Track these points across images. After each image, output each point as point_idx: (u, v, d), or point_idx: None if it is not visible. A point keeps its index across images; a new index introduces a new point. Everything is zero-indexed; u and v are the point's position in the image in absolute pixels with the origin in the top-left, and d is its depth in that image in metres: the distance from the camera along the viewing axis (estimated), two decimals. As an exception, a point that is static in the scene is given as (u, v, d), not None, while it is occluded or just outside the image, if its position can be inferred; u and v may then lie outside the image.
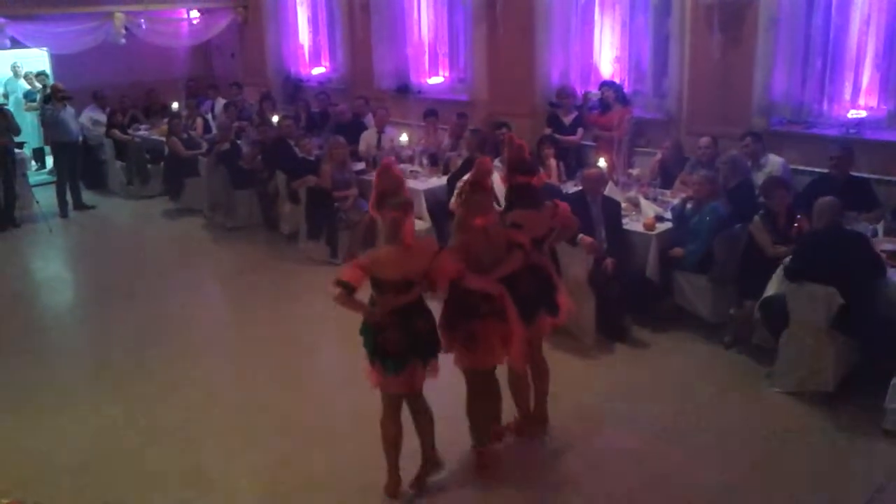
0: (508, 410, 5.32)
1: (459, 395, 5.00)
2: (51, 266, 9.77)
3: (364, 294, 4.53)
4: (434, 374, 4.66)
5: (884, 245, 6.04)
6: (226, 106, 12.37)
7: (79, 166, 11.59)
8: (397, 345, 4.47)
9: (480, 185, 4.71)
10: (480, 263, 4.66)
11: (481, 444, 5.04)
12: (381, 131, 10.15)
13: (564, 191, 7.60)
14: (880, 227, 6.39)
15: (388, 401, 4.69)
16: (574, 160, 8.95)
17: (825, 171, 7.10)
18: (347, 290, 4.38)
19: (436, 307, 4.76)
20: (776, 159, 7.39)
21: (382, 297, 4.48)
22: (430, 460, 4.89)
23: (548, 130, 9.14)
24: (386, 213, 4.48)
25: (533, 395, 5.35)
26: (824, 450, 5.15)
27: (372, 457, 5.17)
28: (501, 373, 5.11)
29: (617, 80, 9.22)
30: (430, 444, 4.87)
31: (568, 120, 9.27)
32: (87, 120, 12.54)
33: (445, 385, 4.88)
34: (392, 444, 4.75)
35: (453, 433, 5.06)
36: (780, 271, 5.83)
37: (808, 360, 5.63)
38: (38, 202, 11.01)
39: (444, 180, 8.46)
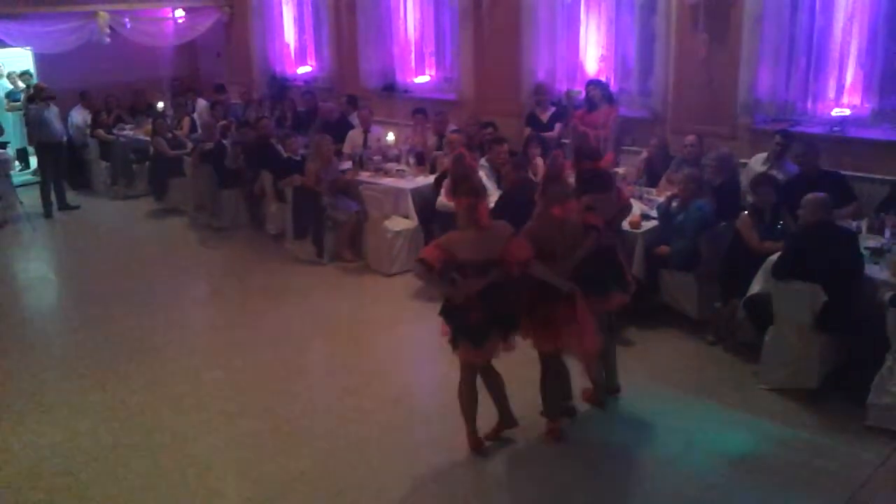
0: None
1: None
2: (34, 267, 9.69)
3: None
4: (511, 348, 4.96)
5: (868, 242, 6.07)
6: (212, 105, 12.32)
7: (63, 166, 11.53)
8: (478, 321, 4.75)
9: (556, 178, 5.01)
10: (553, 251, 4.90)
11: (553, 416, 5.29)
12: (366, 130, 10.13)
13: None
14: (864, 225, 6.42)
15: (469, 371, 5.04)
16: (559, 159, 8.97)
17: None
18: (427, 268, 4.66)
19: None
20: (792, 169, 7.24)
21: (464, 280, 4.72)
22: (506, 416, 5.25)
23: (527, 130, 9.17)
24: (461, 200, 4.78)
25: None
26: (808, 445, 5.17)
27: (360, 454, 5.21)
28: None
29: (603, 79, 9.24)
30: (505, 403, 5.23)
31: (545, 117, 9.29)
32: (81, 120, 12.47)
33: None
34: (470, 406, 5.11)
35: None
36: (764, 268, 5.85)
37: (793, 357, 5.66)
38: (21, 202, 10.95)
39: (431, 179, 8.45)
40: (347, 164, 9.45)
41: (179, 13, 13.99)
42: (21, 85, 13.19)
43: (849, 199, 6.79)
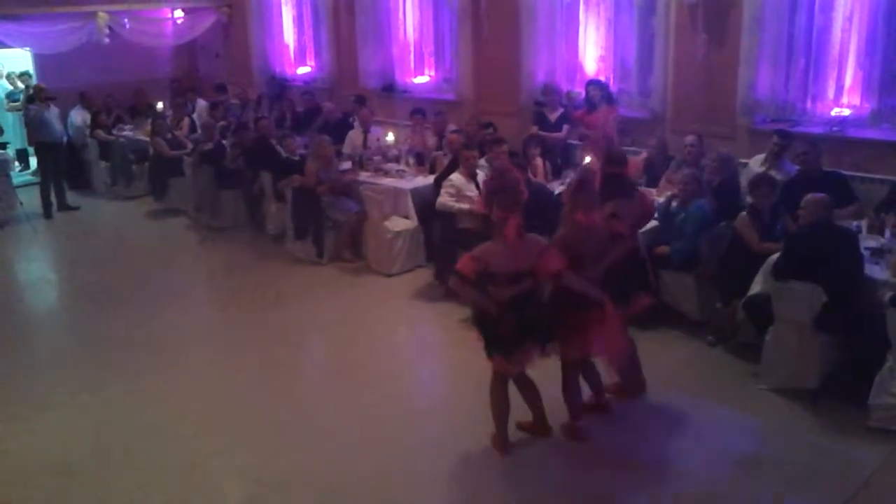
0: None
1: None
2: (35, 267, 9.69)
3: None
4: (548, 356, 5.01)
5: (868, 242, 6.08)
6: (212, 106, 12.33)
7: (63, 167, 11.53)
8: (510, 330, 4.79)
9: (586, 184, 5.07)
10: (582, 256, 4.95)
11: (577, 417, 5.36)
12: (366, 131, 10.12)
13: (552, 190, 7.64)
14: (864, 225, 6.42)
15: (499, 378, 5.05)
16: (560, 159, 8.99)
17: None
18: (462, 280, 4.75)
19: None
20: (791, 169, 7.24)
21: (496, 289, 4.77)
22: (541, 422, 5.31)
23: (534, 129, 9.17)
24: (495, 212, 4.82)
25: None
26: (810, 446, 5.18)
27: (360, 454, 5.21)
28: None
29: (602, 79, 9.24)
30: (540, 410, 5.28)
31: (553, 117, 9.30)
32: (80, 121, 12.48)
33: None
34: (501, 411, 5.13)
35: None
36: (764, 269, 5.85)
37: (793, 357, 5.66)
38: (21, 203, 10.95)
39: (430, 180, 8.45)
40: (347, 165, 9.46)
41: (178, 14, 13.99)
42: (21, 86, 13.19)
43: (850, 200, 6.80)
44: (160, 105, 12.99)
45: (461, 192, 7.41)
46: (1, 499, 4.94)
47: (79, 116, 12.55)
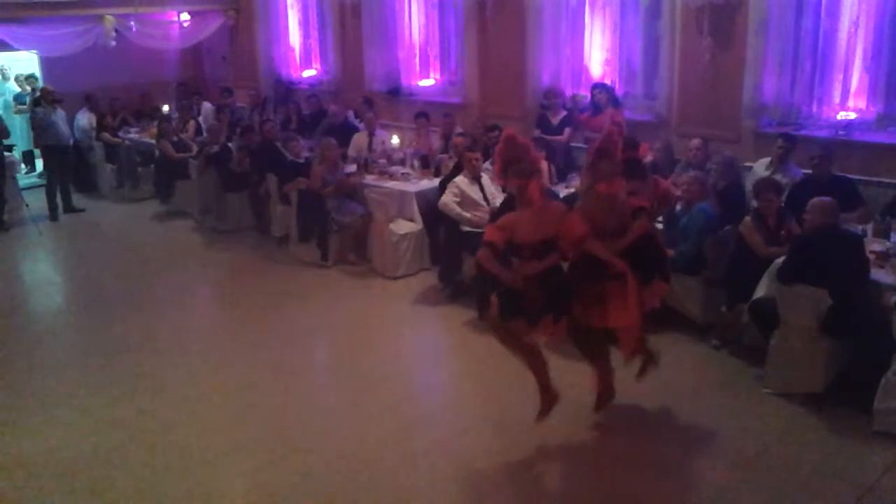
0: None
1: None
2: (40, 270, 9.73)
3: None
4: (562, 333, 4.99)
5: (873, 246, 6.06)
6: (218, 109, 12.36)
7: (69, 169, 11.57)
8: (535, 303, 4.77)
9: (608, 154, 4.98)
10: (604, 229, 4.92)
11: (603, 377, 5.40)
12: (371, 133, 10.14)
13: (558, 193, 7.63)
14: (869, 228, 6.41)
15: (512, 349, 5.00)
16: (563, 162, 8.98)
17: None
18: (492, 251, 4.73)
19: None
20: (797, 172, 7.27)
21: (522, 262, 4.79)
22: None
23: (537, 132, 9.17)
24: (512, 181, 4.82)
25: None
26: (815, 450, 5.16)
27: (364, 457, 5.20)
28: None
29: (608, 82, 9.24)
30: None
31: (556, 120, 9.31)
32: (86, 123, 12.52)
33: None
34: (535, 361, 5.05)
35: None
36: (769, 273, 5.84)
37: (799, 361, 5.64)
38: (27, 205, 10.98)
39: (435, 182, 8.45)
40: (352, 168, 9.46)
41: (185, 17, 14.02)
42: (27, 88, 13.24)
43: (857, 204, 6.78)
44: (166, 108, 13.03)
45: (465, 194, 7.41)
46: (1, 500, 4.94)
47: (85, 119, 12.59)
